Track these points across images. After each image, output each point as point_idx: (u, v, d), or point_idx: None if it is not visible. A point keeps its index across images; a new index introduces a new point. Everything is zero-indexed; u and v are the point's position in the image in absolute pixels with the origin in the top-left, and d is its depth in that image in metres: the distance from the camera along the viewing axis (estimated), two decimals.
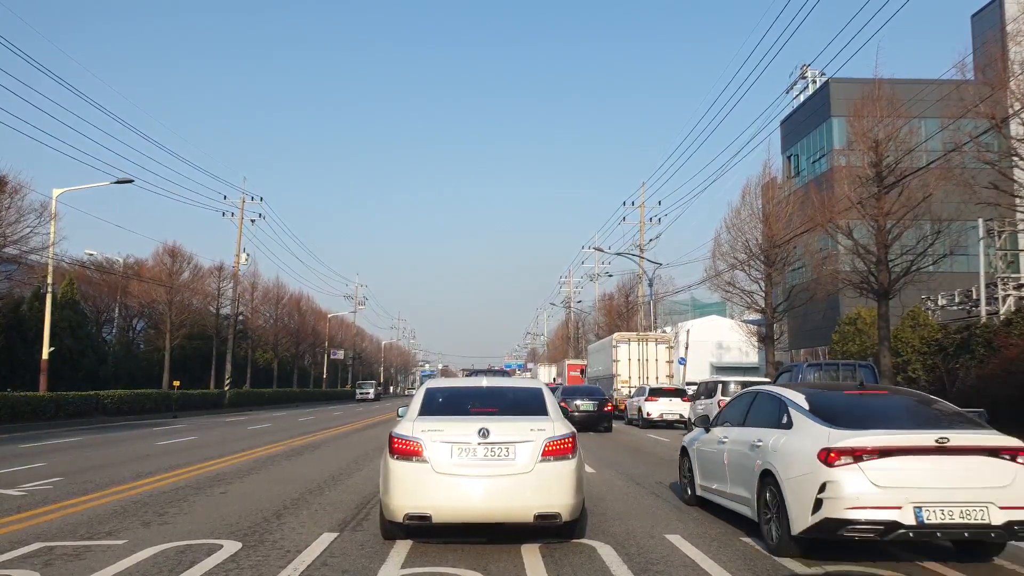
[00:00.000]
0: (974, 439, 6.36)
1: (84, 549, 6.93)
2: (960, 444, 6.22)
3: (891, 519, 6.02)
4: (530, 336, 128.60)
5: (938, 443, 6.16)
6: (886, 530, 6.06)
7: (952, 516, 6.03)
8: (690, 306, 72.63)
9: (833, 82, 40.43)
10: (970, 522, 6.01)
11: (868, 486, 6.12)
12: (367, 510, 8.99)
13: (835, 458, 6.26)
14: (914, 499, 6.04)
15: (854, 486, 6.13)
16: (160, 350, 47.06)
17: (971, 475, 6.15)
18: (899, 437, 6.32)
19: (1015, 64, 18.19)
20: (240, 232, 50.63)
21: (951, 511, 6.03)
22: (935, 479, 6.14)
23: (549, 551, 6.78)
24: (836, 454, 6.27)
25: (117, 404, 33.22)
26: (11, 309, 35.76)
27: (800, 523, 6.43)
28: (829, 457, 6.29)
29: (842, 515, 6.13)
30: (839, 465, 6.23)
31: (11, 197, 27.84)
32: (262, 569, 6.18)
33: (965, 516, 6.02)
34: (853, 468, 6.19)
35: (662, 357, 36.24)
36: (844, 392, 7.77)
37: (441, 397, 7.76)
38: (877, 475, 6.15)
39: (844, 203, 23.14)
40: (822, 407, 7.04)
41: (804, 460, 6.54)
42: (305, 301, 75.14)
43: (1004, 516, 6.00)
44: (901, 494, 6.07)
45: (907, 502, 6.03)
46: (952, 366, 23.77)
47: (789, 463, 6.76)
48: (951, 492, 6.09)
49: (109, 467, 13.75)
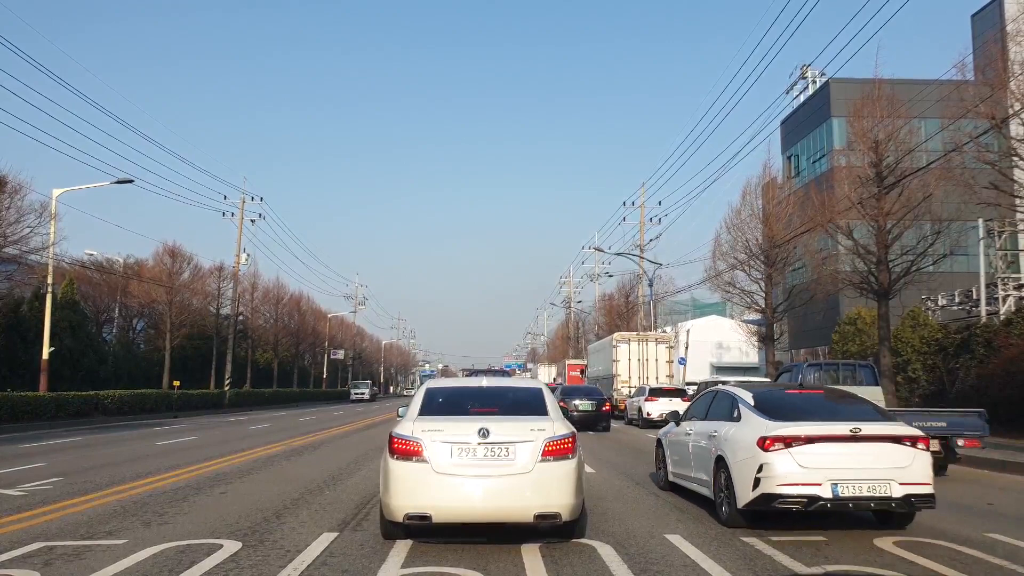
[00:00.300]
0: (882, 429, 7.76)
1: (84, 549, 6.93)
2: (870, 433, 7.63)
3: (813, 493, 7.37)
4: (530, 336, 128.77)
5: (852, 432, 7.57)
6: (809, 502, 7.40)
7: (861, 491, 7.43)
8: (690, 306, 72.57)
9: (833, 82, 40.41)
10: (876, 495, 7.41)
11: (795, 467, 7.49)
12: (367, 510, 9.00)
13: (770, 444, 7.62)
14: (831, 477, 7.42)
15: (784, 467, 7.49)
16: (160, 350, 47.08)
17: (878, 458, 7.54)
18: (821, 427, 7.70)
19: (1015, 64, 18.17)
20: (240, 232, 50.66)
21: (861, 487, 7.42)
22: (849, 461, 7.52)
23: (549, 551, 6.78)
24: (771, 441, 7.63)
25: (117, 404, 33.22)
26: (11, 309, 35.75)
27: (744, 498, 7.75)
28: (765, 444, 7.64)
29: (775, 490, 7.47)
30: (773, 450, 7.58)
31: (11, 197, 27.86)
32: (262, 569, 6.18)
33: (872, 491, 7.41)
34: (784, 452, 7.54)
35: (662, 357, 36.24)
36: (785, 391, 9.36)
37: (441, 397, 7.76)
38: (803, 458, 7.50)
39: (844, 203, 23.12)
40: (764, 403, 8.45)
41: (747, 446, 7.88)
42: (305, 301, 75.20)
43: (903, 491, 7.40)
44: (821, 473, 7.43)
45: (826, 479, 7.39)
46: (952, 366, 23.77)
47: (736, 449, 8.13)
48: (861, 471, 7.47)
49: (109, 467, 13.76)
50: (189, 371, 50.80)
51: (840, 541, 7.36)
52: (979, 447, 12.92)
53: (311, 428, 26.88)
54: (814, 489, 7.39)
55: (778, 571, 6.23)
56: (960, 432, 12.62)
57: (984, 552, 6.91)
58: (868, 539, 7.45)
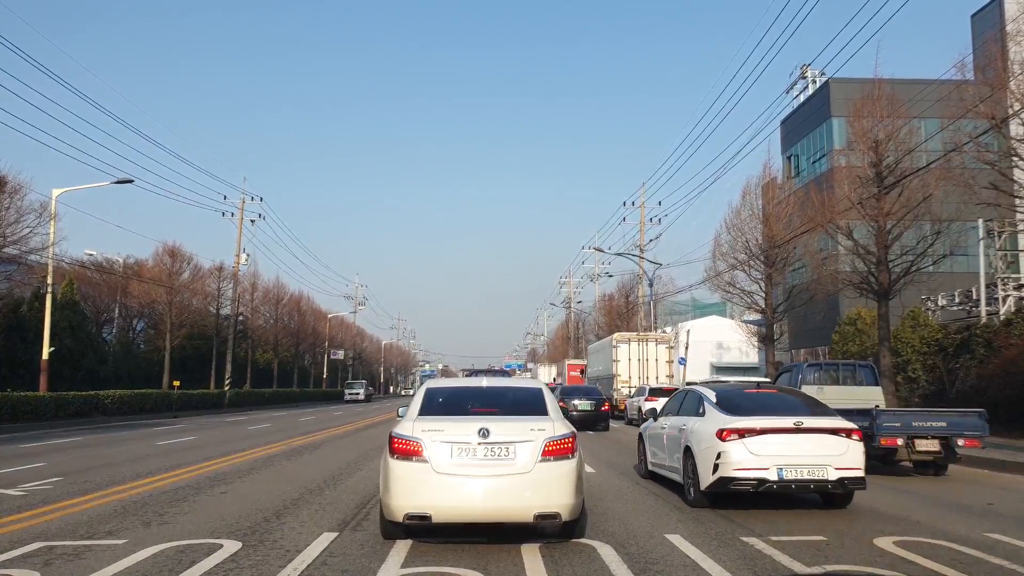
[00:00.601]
0: (821, 422, 9.10)
1: (84, 549, 6.93)
2: (811, 426, 8.99)
3: (761, 476, 8.67)
4: (530, 336, 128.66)
5: (795, 425, 8.91)
6: (758, 484, 8.67)
7: (803, 474, 8.70)
8: (690, 306, 72.50)
9: (833, 82, 40.40)
10: (814, 478, 8.71)
11: (747, 454, 8.76)
12: (367, 510, 8.99)
13: (727, 435, 8.89)
14: (777, 463, 8.71)
15: (738, 454, 8.78)
16: (160, 350, 47.06)
17: (817, 447, 8.85)
18: (770, 421, 8.98)
19: (1015, 64, 18.16)
20: (240, 232, 50.65)
21: (802, 471, 8.70)
22: (792, 449, 8.80)
23: (549, 551, 6.78)
24: (728, 432, 8.90)
25: (117, 404, 33.22)
26: (11, 309, 35.73)
27: (705, 481, 9.06)
28: (723, 435, 8.91)
29: (730, 474, 8.77)
30: (730, 440, 8.85)
31: (11, 197, 27.83)
32: (262, 569, 6.18)
33: (811, 474, 8.70)
34: (738, 442, 8.82)
35: (662, 357, 36.24)
36: (744, 391, 10.65)
37: (441, 397, 7.76)
38: (753, 447, 8.77)
39: (844, 203, 23.10)
40: (724, 401, 9.79)
41: (708, 437, 9.16)
42: (305, 301, 75.17)
43: (837, 474, 8.71)
44: (769, 459, 8.72)
45: (772, 464, 8.69)
46: (952, 366, 23.76)
47: (700, 440, 9.39)
48: (803, 458, 8.76)
49: (109, 467, 13.76)
50: (189, 371, 50.79)
51: (840, 541, 7.36)
52: (979, 447, 12.91)
53: (311, 428, 26.88)
54: (762, 473, 8.70)
55: (778, 571, 6.22)
56: (960, 432, 12.61)
57: (984, 552, 6.91)
58: (868, 539, 7.45)
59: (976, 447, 12.86)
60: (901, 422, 12.64)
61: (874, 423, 12.46)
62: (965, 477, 13.11)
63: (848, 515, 8.94)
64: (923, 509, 9.49)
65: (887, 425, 12.49)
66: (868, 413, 12.79)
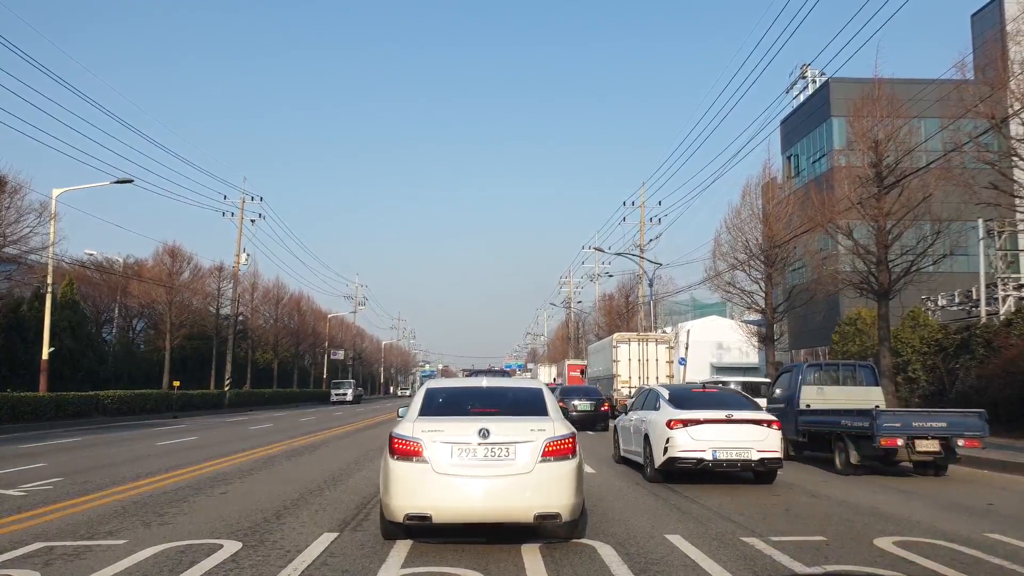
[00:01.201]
0: (748, 415, 11.61)
1: (84, 549, 6.93)
2: (739, 417, 11.52)
3: (700, 456, 11.18)
4: (530, 336, 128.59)
5: (727, 417, 11.46)
6: (698, 463, 11.20)
7: (732, 455, 11.18)
8: (690, 306, 72.47)
9: (833, 82, 40.39)
10: (741, 458, 11.21)
11: (689, 439, 11.27)
12: (367, 510, 9.00)
13: (674, 425, 11.43)
14: (712, 446, 11.20)
15: (682, 439, 11.31)
16: (160, 350, 47.04)
17: (743, 434, 11.33)
18: (707, 413, 11.50)
19: (1015, 64, 18.14)
20: (240, 232, 50.67)
21: (731, 452, 11.18)
22: (724, 436, 11.27)
23: (549, 551, 6.78)
24: (674, 423, 11.45)
25: (117, 404, 33.23)
26: (11, 309, 35.74)
27: (658, 461, 11.59)
28: (671, 424, 11.47)
29: (676, 455, 11.29)
30: (676, 428, 11.39)
31: (11, 197, 27.82)
32: (262, 569, 6.18)
33: (738, 455, 11.20)
34: (682, 430, 11.36)
35: (662, 357, 36.20)
36: (691, 390, 13.47)
37: (441, 397, 7.76)
38: (694, 433, 11.27)
39: (844, 203, 23.07)
40: (674, 398, 12.43)
41: (661, 426, 11.65)
42: (305, 301, 75.16)
43: (759, 455, 11.20)
44: (706, 443, 11.21)
45: (708, 447, 11.21)
46: (952, 366, 23.75)
47: (654, 429, 11.94)
48: (732, 442, 11.22)
49: (109, 467, 13.76)
50: (189, 371, 50.79)
51: (840, 541, 7.36)
52: (979, 447, 12.90)
53: (311, 428, 26.88)
54: (700, 454, 11.16)
55: (778, 571, 6.23)
56: (960, 432, 12.60)
57: (984, 552, 6.91)
58: (868, 539, 7.45)
59: (976, 447, 12.85)
60: (901, 422, 12.62)
61: (874, 423, 12.45)
62: (965, 477, 13.11)
63: (848, 515, 8.94)
64: (923, 509, 9.49)
65: (887, 425, 12.48)
66: (868, 413, 12.78)
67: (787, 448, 15.93)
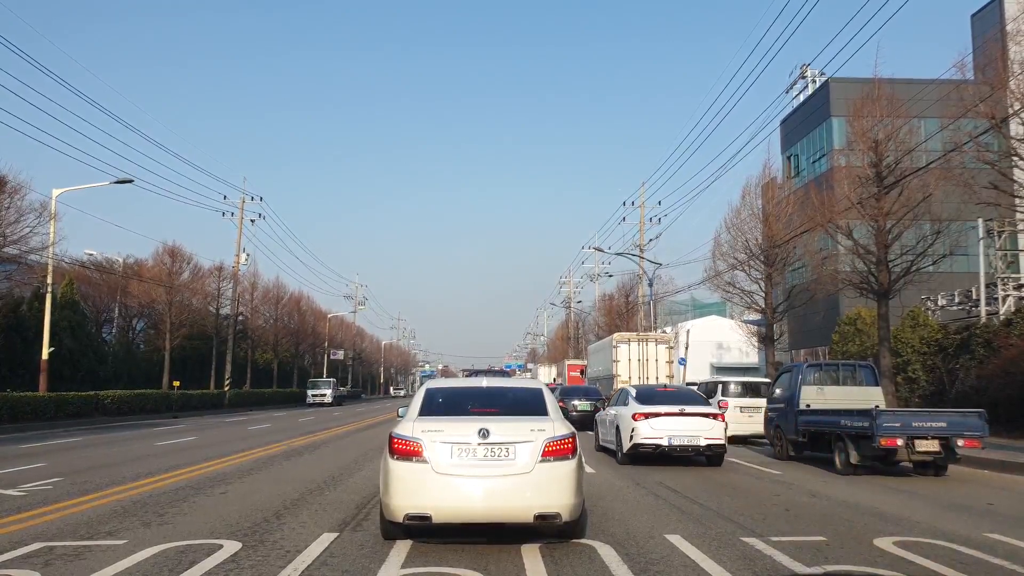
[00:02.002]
0: (698, 409, 14.24)
1: (84, 549, 6.93)
2: (691, 411, 14.13)
3: (658, 443, 13.79)
4: (530, 336, 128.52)
5: (680, 410, 14.07)
6: (656, 448, 13.79)
7: (684, 442, 13.67)
8: (690, 306, 72.47)
9: (833, 82, 40.36)
10: (691, 444, 13.81)
11: (650, 429, 13.79)
12: (367, 510, 8.99)
13: (638, 417, 14.03)
14: (668, 434, 13.70)
15: (644, 429, 13.92)
16: (160, 350, 47.04)
17: (694, 425, 13.96)
18: (665, 408, 14.11)
19: (1015, 64, 18.13)
20: (240, 232, 50.67)
21: (683, 439, 13.68)
22: (678, 426, 13.79)
23: (549, 551, 6.78)
24: (638, 415, 14.05)
25: (117, 404, 33.22)
26: (11, 309, 35.72)
27: (625, 447, 14.24)
28: (635, 417, 14.07)
29: (639, 441, 13.92)
30: (639, 420, 13.99)
31: (11, 197, 27.82)
32: (262, 569, 6.17)
33: (689, 442, 13.79)
34: (644, 421, 13.96)
35: (662, 357, 36.16)
36: (656, 389, 16.29)
37: (441, 397, 7.76)
38: (654, 424, 13.80)
39: (844, 203, 23.06)
40: (641, 395, 15.12)
41: (628, 419, 14.27)
42: (305, 301, 75.12)
43: (706, 442, 13.80)
44: (663, 432, 13.72)
45: (665, 435, 13.78)
46: (952, 366, 23.74)
47: (623, 421, 14.61)
48: (684, 432, 13.74)
49: (109, 467, 13.76)
50: (189, 371, 50.78)
51: (840, 541, 7.36)
52: (979, 447, 12.89)
53: (311, 428, 26.88)
54: (659, 440, 13.76)
55: (778, 571, 6.22)
56: (960, 432, 12.59)
57: (984, 552, 6.91)
58: (868, 539, 7.45)
59: (976, 447, 12.83)
60: (901, 422, 12.62)
61: (874, 423, 12.45)
62: (965, 477, 13.11)
63: (848, 515, 8.94)
64: (923, 509, 9.49)
65: (887, 425, 12.48)
66: (868, 413, 12.78)
67: (787, 448, 15.97)
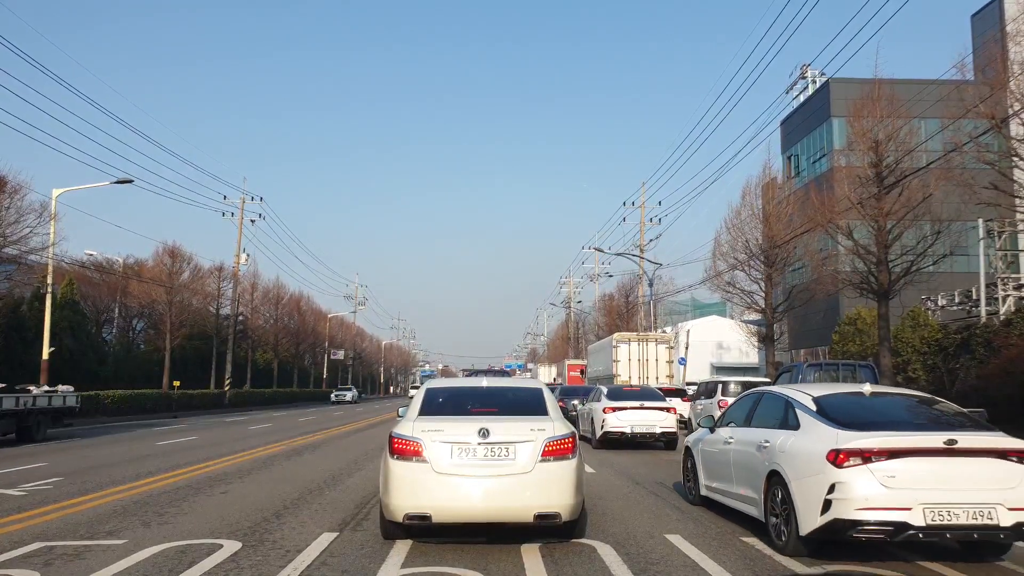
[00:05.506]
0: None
1: (84, 549, 6.93)
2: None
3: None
4: (530, 336, 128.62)
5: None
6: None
7: (643, 430, 9.37)
8: (690, 306, 72.54)
9: (833, 82, 40.38)
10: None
11: (616, 420, 9.51)
12: (367, 510, 8.99)
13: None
14: (631, 424, 9.46)
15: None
16: (160, 350, 47.03)
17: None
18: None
19: (1015, 64, 18.16)
20: (240, 232, 50.67)
21: (643, 428, 9.45)
22: (639, 417, 9.53)
23: (549, 551, 6.78)
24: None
25: (117, 404, 33.22)
26: (11, 309, 35.70)
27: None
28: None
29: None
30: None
31: (11, 197, 27.79)
32: (262, 569, 6.18)
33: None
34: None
35: (662, 357, 36.20)
36: (623, 388, 11.65)
37: (441, 397, 7.76)
38: (620, 416, 9.46)
39: (844, 203, 23.08)
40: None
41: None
42: (305, 301, 75.17)
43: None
44: (626, 422, 9.46)
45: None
46: (952, 366, 23.75)
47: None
48: (644, 422, 9.53)
49: (109, 467, 13.76)
50: (189, 371, 50.75)
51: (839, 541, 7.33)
52: None
53: (311, 428, 26.87)
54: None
55: (778, 571, 6.22)
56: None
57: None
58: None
59: None
60: None
61: None
62: None
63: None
64: None
65: None
66: None
67: None
